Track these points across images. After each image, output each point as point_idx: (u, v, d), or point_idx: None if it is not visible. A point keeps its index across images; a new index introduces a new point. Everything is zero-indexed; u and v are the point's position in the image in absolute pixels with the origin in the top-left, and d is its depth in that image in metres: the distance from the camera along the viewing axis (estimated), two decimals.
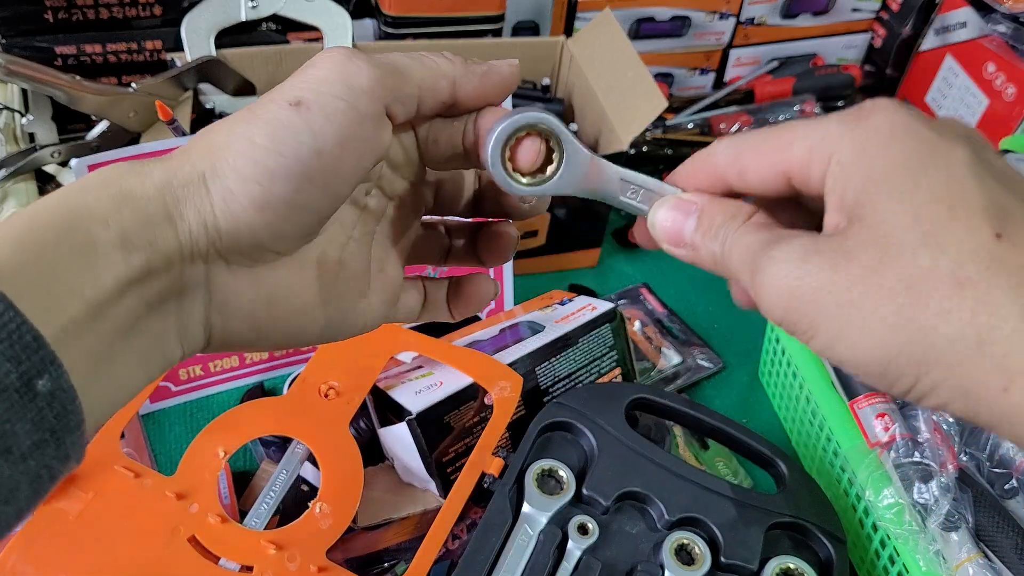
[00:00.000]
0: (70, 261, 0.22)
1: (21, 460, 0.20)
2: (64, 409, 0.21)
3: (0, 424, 0.19)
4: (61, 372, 0.20)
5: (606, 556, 0.49)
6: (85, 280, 0.22)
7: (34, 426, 0.20)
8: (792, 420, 0.68)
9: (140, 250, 0.23)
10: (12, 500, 0.20)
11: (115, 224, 0.23)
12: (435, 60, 0.28)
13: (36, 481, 0.21)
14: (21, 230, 0.22)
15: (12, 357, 0.19)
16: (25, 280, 0.21)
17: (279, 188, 0.24)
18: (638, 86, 0.73)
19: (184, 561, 0.48)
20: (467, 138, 0.29)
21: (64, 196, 0.23)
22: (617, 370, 0.66)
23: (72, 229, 0.22)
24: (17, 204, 0.66)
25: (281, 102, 0.25)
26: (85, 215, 0.23)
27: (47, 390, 0.20)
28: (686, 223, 0.28)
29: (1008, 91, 0.85)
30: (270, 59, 0.77)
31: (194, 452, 0.52)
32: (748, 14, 0.96)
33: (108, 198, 0.23)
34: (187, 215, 0.24)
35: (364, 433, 0.60)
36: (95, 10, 0.75)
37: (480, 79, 0.28)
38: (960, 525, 0.50)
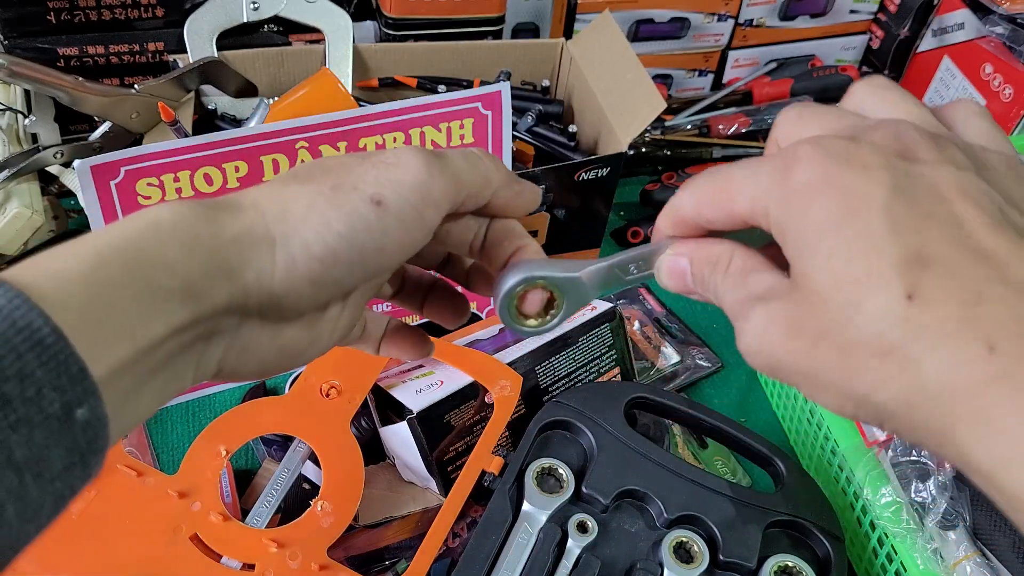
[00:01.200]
0: (131, 305, 0.22)
1: (49, 482, 0.21)
2: (95, 435, 0.21)
3: (39, 451, 0.20)
4: (99, 402, 0.21)
5: (605, 554, 0.50)
6: (139, 325, 0.23)
7: (67, 451, 0.21)
8: (790, 419, 0.68)
9: (197, 301, 0.24)
10: (35, 519, 0.21)
11: (181, 273, 0.24)
12: (488, 168, 0.30)
13: (60, 500, 0.21)
14: (88, 265, 0.22)
15: (58, 387, 0.20)
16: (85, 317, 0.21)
17: (337, 271, 0.27)
18: (637, 87, 0.73)
19: (186, 559, 0.48)
20: (477, 238, 0.32)
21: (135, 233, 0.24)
22: (616, 369, 0.66)
23: (138, 272, 0.23)
24: (20, 204, 0.66)
25: (365, 196, 0.27)
26: (153, 259, 0.23)
27: (84, 419, 0.21)
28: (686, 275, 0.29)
29: (1006, 92, 0.85)
30: (272, 60, 0.77)
31: (196, 451, 0.53)
32: (747, 16, 0.96)
33: (179, 245, 0.24)
34: (247, 274, 0.25)
35: (365, 432, 0.60)
36: (97, 11, 0.75)
37: (514, 196, 0.31)
38: (957, 523, 0.51)
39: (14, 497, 0.20)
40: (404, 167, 0.28)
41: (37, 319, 0.20)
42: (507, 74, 0.81)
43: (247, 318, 0.27)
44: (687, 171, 0.88)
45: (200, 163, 0.59)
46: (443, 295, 0.36)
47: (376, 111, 0.60)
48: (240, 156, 0.59)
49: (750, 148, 0.91)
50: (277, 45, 0.79)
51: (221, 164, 0.59)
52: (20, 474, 0.20)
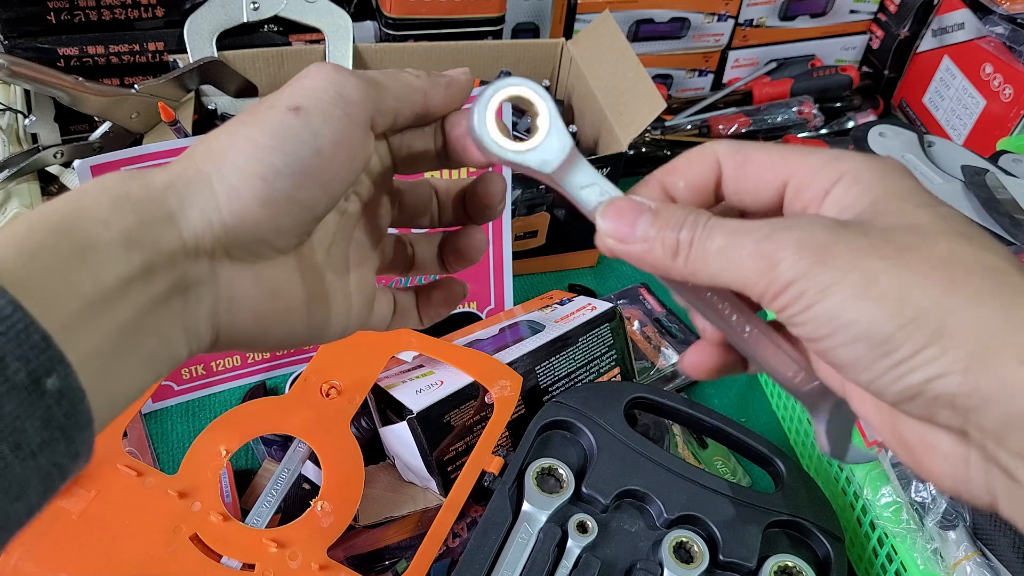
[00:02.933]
0: (70, 261, 0.22)
1: (31, 457, 0.20)
2: (73, 408, 0.21)
3: (10, 421, 0.20)
4: (69, 371, 0.21)
5: (605, 554, 0.50)
6: (85, 278, 0.22)
7: (43, 424, 0.20)
8: (790, 419, 0.68)
9: (142, 248, 0.24)
10: (23, 497, 0.20)
11: (115, 225, 0.23)
12: (407, 76, 0.30)
13: (47, 479, 0.21)
14: (21, 235, 0.22)
15: (21, 356, 0.20)
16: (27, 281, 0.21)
17: (282, 184, 0.26)
18: (637, 87, 0.73)
19: (186, 559, 0.48)
20: (437, 144, 0.31)
21: (63, 201, 0.24)
22: (616, 369, 0.66)
23: (71, 230, 0.23)
24: (20, 204, 0.66)
25: (281, 107, 0.26)
26: (84, 217, 0.23)
27: (55, 388, 0.21)
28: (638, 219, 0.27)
29: (1006, 92, 0.85)
30: (272, 60, 0.77)
31: (196, 451, 0.53)
32: (747, 16, 0.96)
33: (108, 201, 0.24)
34: (191, 214, 0.25)
35: (365, 432, 0.60)
36: (97, 11, 0.75)
37: (444, 89, 0.31)
38: (958, 523, 0.51)
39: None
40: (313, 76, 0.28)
41: None
42: (507, 74, 0.81)
43: (217, 261, 0.26)
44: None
45: None
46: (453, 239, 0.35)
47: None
48: None
49: None
50: (277, 45, 0.79)
51: None
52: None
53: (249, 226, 0.26)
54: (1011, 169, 0.73)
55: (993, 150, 0.76)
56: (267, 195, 0.26)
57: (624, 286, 0.81)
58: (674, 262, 0.26)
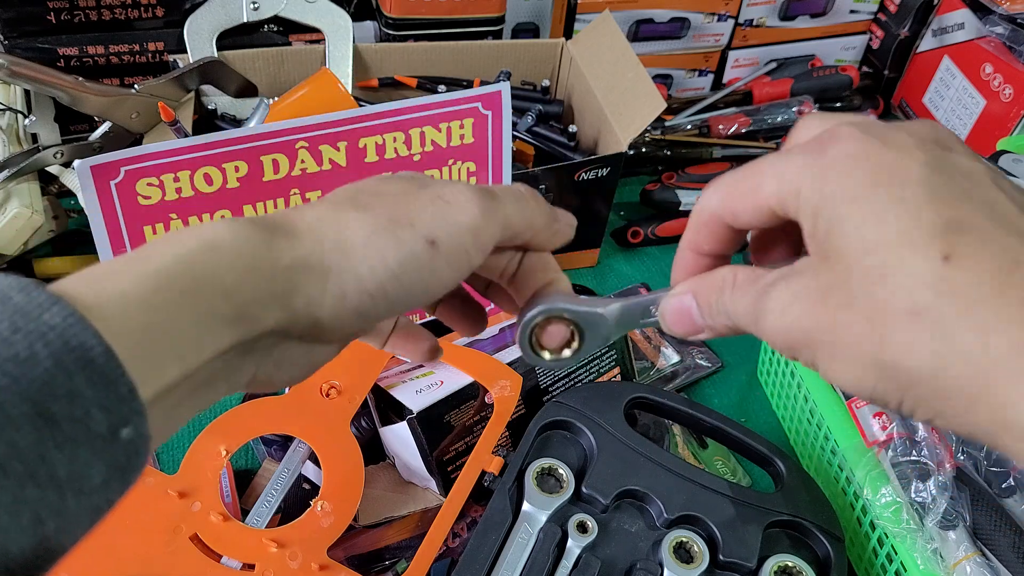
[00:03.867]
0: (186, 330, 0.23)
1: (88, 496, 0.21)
2: (136, 452, 0.21)
3: (80, 467, 0.20)
4: (143, 421, 0.21)
5: (605, 554, 0.50)
6: (191, 350, 0.23)
7: (108, 468, 0.21)
8: (790, 419, 0.68)
9: (246, 326, 0.24)
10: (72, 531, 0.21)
11: (236, 299, 0.24)
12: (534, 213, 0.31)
13: (96, 512, 0.21)
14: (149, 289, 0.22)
15: (105, 407, 0.20)
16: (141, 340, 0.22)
17: (383, 306, 0.27)
18: (637, 87, 0.73)
19: (186, 559, 0.48)
20: (509, 267, 0.32)
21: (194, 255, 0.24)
22: (616, 369, 0.66)
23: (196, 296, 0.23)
24: (20, 204, 0.66)
25: (420, 236, 0.27)
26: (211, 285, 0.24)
27: (128, 438, 0.21)
28: (692, 311, 0.30)
29: (1006, 92, 0.85)
30: (272, 60, 0.77)
31: (196, 451, 0.53)
32: (747, 16, 0.96)
33: (237, 270, 0.24)
34: (297, 302, 0.26)
35: (365, 432, 0.60)
36: (97, 11, 0.75)
37: (552, 235, 0.32)
38: (958, 523, 0.51)
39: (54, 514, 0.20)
40: (460, 208, 0.28)
41: (90, 339, 0.20)
42: (507, 74, 0.81)
43: (287, 339, 0.27)
44: (687, 171, 0.88)
45: (200, 163, 0.59)
46: (460, 302, 0.35)
47: (376, 111, 0.60)
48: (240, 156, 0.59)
49: (750, 148, 0.91)
50: (277, 45, 0.79)
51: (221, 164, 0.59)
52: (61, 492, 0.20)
53: (337, 328, 0.27)
54: (1011, 169, 0.73)
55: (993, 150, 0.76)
56: (367, 310, 0.27)
57: (624, 286, 0.81)
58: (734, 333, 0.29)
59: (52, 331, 0.20)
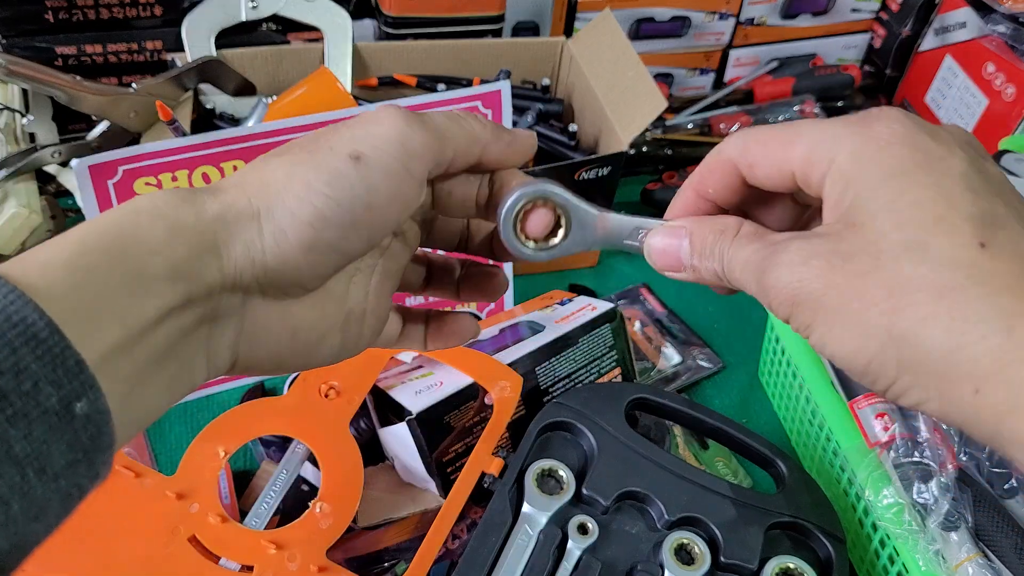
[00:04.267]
0: (118, 288, 0.22)
1: (54, 479, 0.20)
2: (98, 431, 0.21)
3: (38, 445, 0.20)
4: (99, 395, 0.21)
5: (606, 556, 0.49)
6: (129, 308, 0.22)
7: (69, 447, 0.21)
8: (792, 420, 0.68)
9: (185, 281, 0.24)
10: (42, 517, 0.21)
11: (166, 255, 0.24)
12: (472, 125, 0.30)
13: (67, 499, 0.21)
14: (72, 252, 0.22)
15: (54, 381, 0.20)
16: (72, 304, 0.21)
17: (329, 233, 0.26)
18: (638, 86, 0.73)
19: (184, 561, 0.48)
20: (480, 195, 0.31)
21: (116, 221, 0.24)
22: (617, 370, 0.66)
23: (123, 256, 0.23)
24: (18, 204, 0.66)
25: (342, 153, 0.26)
26: (137, 243, 0.23)
27: (84, 413, 0.21)
28: (680, 248, 0.29)
29: (1008, 91, 0.85)
30: (270, 59, 0.77)
31: (194, 452, 0.53)
32: (748, 14, 0.96)
33: (161, 228, 0.24)
34: (235, 249, 0.25)
35: (364, 433, 0.60)
36: (95, 10, 0.75)
37: (506, 146, 0.31)
38: (960, 525, 0.51)
39: (18, 494, 0.20)
40: (379, 121, 0.27)
41: (32, 313, 0.20)
42: (507, 73, 0.80)
43: (249, 296, 0.26)
44: (688, 171, 0.88)
45: (198, 162, 0.58)
46: (475, 273, 0.35)
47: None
48: (238, 155, 0.59)
49: None
50: (276, 44, 0.79)
51: (219, 163, 0.59)
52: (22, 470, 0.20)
53: (289, 269, 0.26)
54: (1013, 168, 0.72)
55: (995, 150, 0.76)
56: (312, 242, 0.26)
57: (625, 286, 0.81)
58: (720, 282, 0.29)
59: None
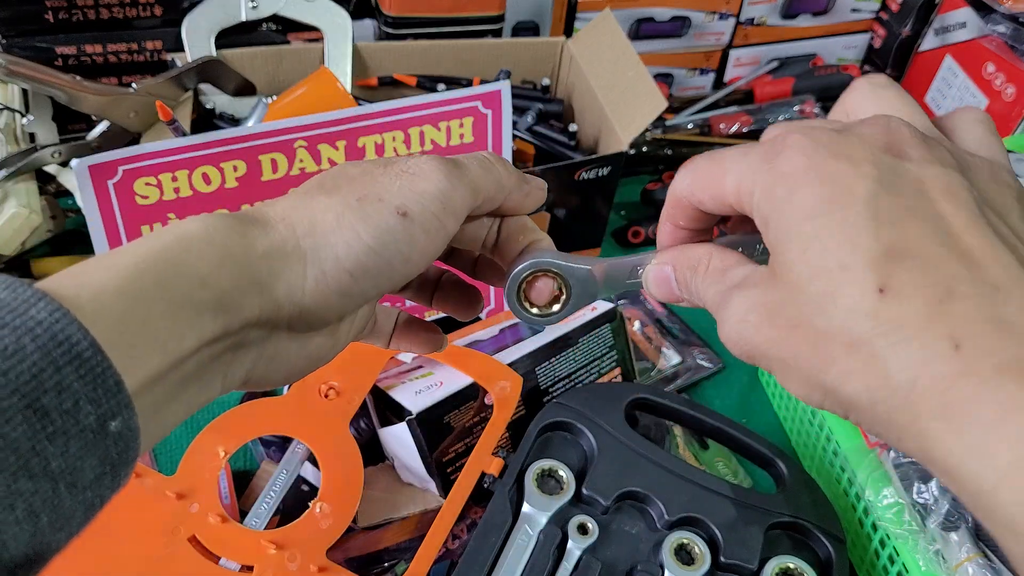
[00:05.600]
0: (164, 318, 0.23)
1: (81, 491, 0.21)
2: (127, 446, 0.22)
3: (73, 461, 0.20)
4: (132, 414, 0.22)
5: (606, 556, 0.49)
6: (172, 338, 0.23)
7: (100, 462, 0.21)
8: (792, 420, 0.68)
9: (227, 314, 0.24)
10: (66, 527, 0.21)
11: (213, 287, 0.24)
12: (500, 174, 0.31)
13: (90, 509, 0.22)
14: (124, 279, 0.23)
15: (94, 400, 0.20)
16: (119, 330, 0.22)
17: (366, 283, 0.27)
18: (638, 86, 0.73)
19: (184, 561, 0.48)
20: (489, 237, 0.33)
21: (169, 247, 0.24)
22: (617, 370, 0.66)
23: (172, 286, 0.23)
24: (18, 204, 0.66)
25: (391, 208, 0.27)
26: (187, 274, 0.24)
27: (117, 431, 0.21)
28: (671, 283, 0.31)
29: (1008, 91, 0.85)
30: (270, 59, 0.77)
31: (194, 452, 0.53)
32: (748, 14, 0.96)
33: (211, 259, 0.24)
34: (278, 289, 0.26)
35: (364, 433, 0.60)
36: (95, 10, 0.75)
37: (524, 196, 0.32)
38: (960, 525, 0.50)
39: (49, 507, 0.20)
40: (426, 177, 0.28)
41: (76, 333, 0.20)
42: (507, 73, 0.80)
43: (275, 330, 0.27)
44: None
45: (198, 162, 0.58)
46: (453, 288, 0.36)
47: (375, 110, 0.60)
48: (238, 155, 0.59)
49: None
50: (276, 44, 0.79)
51: (219, 163, 0.59)
52: (55, 484, 0.20)
53: (323, 311, 0.27)
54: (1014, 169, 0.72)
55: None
56: (349, 289, 0.27)
57: None
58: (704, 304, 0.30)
59: (39, 326, 0.20)
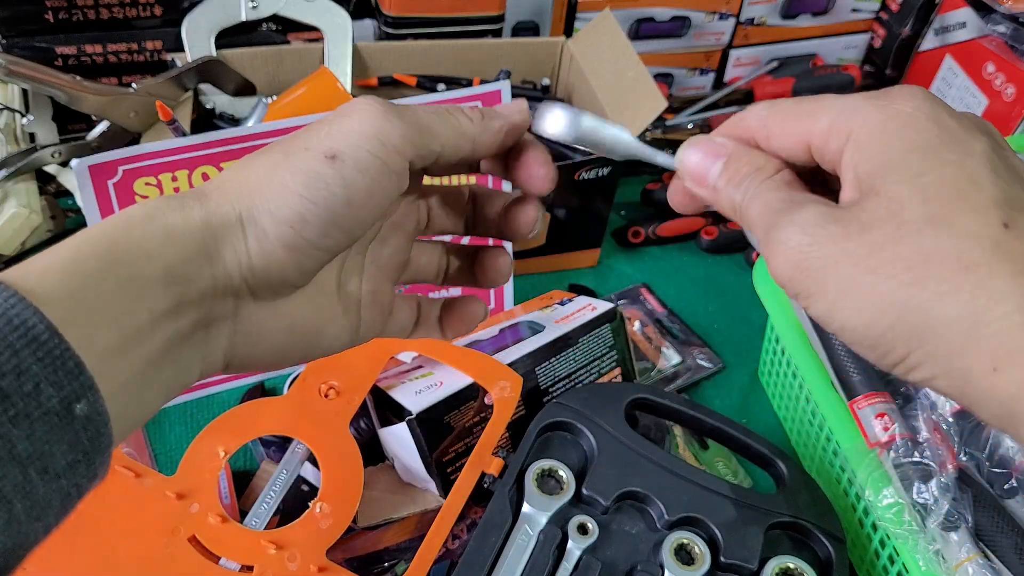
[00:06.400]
0: (113, 293, 0.23)
1: (55, 479, 0.21)
2: (97, 432, 0.22)
3: (40, 445, 0.20)
4: (97, 397, 0.21)
5: (606, 556, 0.49)
6: (124, 312, 0.23)
7: (70, 447, 0.21)
8: (791, 420, 0.68)
9: (178, 285, 0.24)
10: (43, 517, 0.21)
11: (159, 259, 0.24)
12: (459, 119, 0.29)
13: (66, 499, 0.22)
14: (67, 259, 0.23)
15: (55, 382, 0.20)
16: (70, 308, 0.22)
17: (309, 232, 0.26)
18: (638, 86, 0.73)
19: (184, 561, 0.48)
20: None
21: (111, 228, 0.24)
22: (617, 370, 0.66)
23: (117, 262, 0.23)
24: (18, 204, 0.66)
25: (318, 153, 0.26)
26: (131, 249, 0.24)
27: (84, 414, 0.21)
28: (713, 165, 0.29)
29: (1008, 91, 0.85)
30: (270, 59, 0.77)
31: (194, 452, 0.53)
32: (748, 14, 0.96)
33: (154, 235, 0.24)
34: (224, 254, 0.26)
35: (364, 433, 0.60)
36: (95, 10, 0.75)
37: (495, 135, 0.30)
38: (960, 525, 0.50)
39: (21, 493, 0.20)
40: (355, 117, 0.27)
41: (32, 316, 0.20)
42: (507, 73, 0.80)
43: (240, 299, 0.27)
44: None
45: (198, 162, 0.58)
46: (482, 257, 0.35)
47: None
48: (238, 155, 0.59)
49: None
50: (276, 44, 0.79)
51: (219, 163, 0.59)
52: (24, 469, 0.20)
53: (274, 269, 0.26)
54: None
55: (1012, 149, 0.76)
56: (294, 241, 0.26)
57: (625, 286, 0.81)
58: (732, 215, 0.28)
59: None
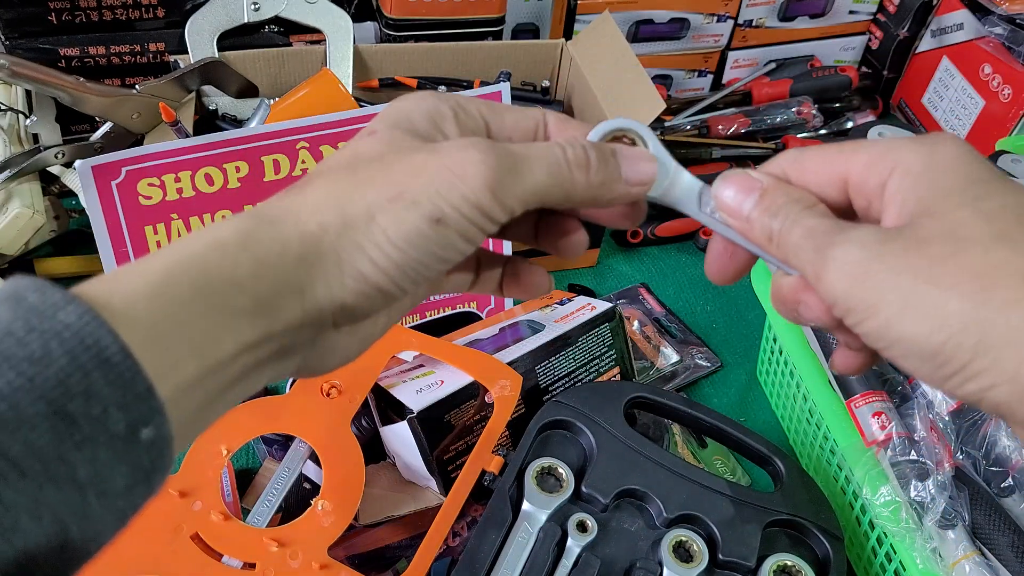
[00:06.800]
0: (200, 323, 0.22)
1: (113, 500, 0.20)
2: (160, 454, 0.21)
3: (101, 469, 0.20)
4: (164, 421, 0.21)
5: (605, 553, 0.50)
6: (208, 343, 0.22)
7: (131, 470, 0.20)
8: (789, 419, 0.68)
9: (266, 318, 0.24)
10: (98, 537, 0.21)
11: (250, 291, 0.24)
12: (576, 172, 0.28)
13: (122, 518, 0.21)
14: (156, 282, 0.22)
15: (123, 406, 0.20)
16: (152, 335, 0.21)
17: (403, 278, 0.26)
18: (637, 88, 0.73)
19: (187, 559, 0.48)
20: None
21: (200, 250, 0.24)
22: (616, 369, 0.66)
23: (207, 289, 0.23)
24: (21, 204, 0.66)
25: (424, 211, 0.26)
26: (222, 277, 0.23)
27: (149, 439, 0.21)
28: (747, 198, 0.28)
29: (1004, 92, 0.85)
30: (272, 61, 0.78)
31: (197, 450, 0.53)
32: (746, 16, 0.96)
33: (246, 263, 0.24)
34: (317, 290, 0.25)
35: (365, 431, 0.60)
36: (99, 12, 0.75)
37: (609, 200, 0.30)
38: (956, 523, 0.51)
39: (77, 517, 0.20)
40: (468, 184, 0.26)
41: (106, 337, 0.20)
42: (507, 75, 0.81)
43: (323, 329, 0.26)
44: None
45: (201, 163, 0.59)
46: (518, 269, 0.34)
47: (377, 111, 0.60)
48: (241, 156, 0.60)
49: (750, 148, 0.91)
50: (278, 46, 0.79)
51: (222, 164, 0.59)
52: (83, 493, 0.19)
53: (365, 306, 0.26)
54: (1010, 169, 0.73)
55: (992, 150, 0.76)
56: (388, 286, 0.26)
57: (624, 286, 0.81)
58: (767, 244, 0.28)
59: (67, 329, 0.19)
